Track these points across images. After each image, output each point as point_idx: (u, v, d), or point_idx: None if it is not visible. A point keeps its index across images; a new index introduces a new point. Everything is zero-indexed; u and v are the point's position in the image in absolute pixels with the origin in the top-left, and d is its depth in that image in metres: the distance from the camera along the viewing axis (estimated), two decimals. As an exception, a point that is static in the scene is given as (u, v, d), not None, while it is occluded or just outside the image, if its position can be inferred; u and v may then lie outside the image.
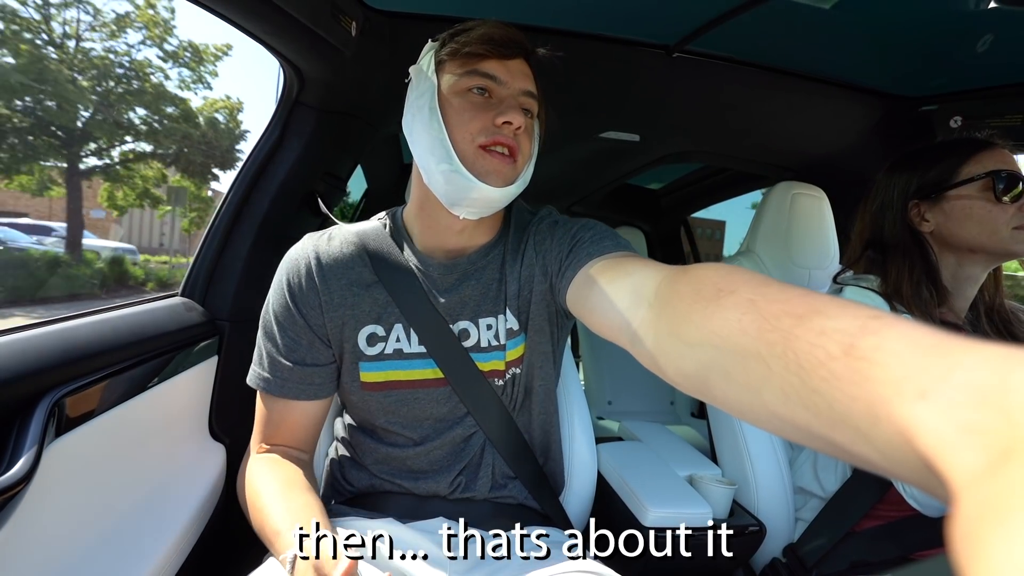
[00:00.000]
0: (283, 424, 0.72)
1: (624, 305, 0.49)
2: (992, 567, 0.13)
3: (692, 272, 0.41)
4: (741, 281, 0.36)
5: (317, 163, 1.06)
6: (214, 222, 1.00)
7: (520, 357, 0.74)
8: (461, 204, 0.67)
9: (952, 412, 0.19)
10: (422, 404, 0.73)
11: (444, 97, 0.67)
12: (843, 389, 0.24)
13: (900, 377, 0.22)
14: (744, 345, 0.31)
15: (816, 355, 0.26)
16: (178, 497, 0.81)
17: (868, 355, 0.24)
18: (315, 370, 0.71)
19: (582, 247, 0.65)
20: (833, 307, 0.28)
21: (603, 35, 1.03)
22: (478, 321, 0.73)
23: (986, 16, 0.86)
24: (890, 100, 1.20)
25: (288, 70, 0.93)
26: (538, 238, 0.74)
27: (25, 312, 8.16)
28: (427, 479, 0.73)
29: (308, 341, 0.71)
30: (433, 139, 0.66)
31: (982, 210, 0.84)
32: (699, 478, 0.99)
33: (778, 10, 0.87)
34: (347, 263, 0.72)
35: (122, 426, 0.73)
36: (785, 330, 0.29)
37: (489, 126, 0.65)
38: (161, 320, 0.85)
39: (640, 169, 1.92)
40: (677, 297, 0.41)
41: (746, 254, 1.22)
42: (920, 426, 0.20)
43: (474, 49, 0.65)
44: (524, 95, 0.68)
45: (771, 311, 0.31)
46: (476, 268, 0.74)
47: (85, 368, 0.67)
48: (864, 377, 0.23)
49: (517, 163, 0.67)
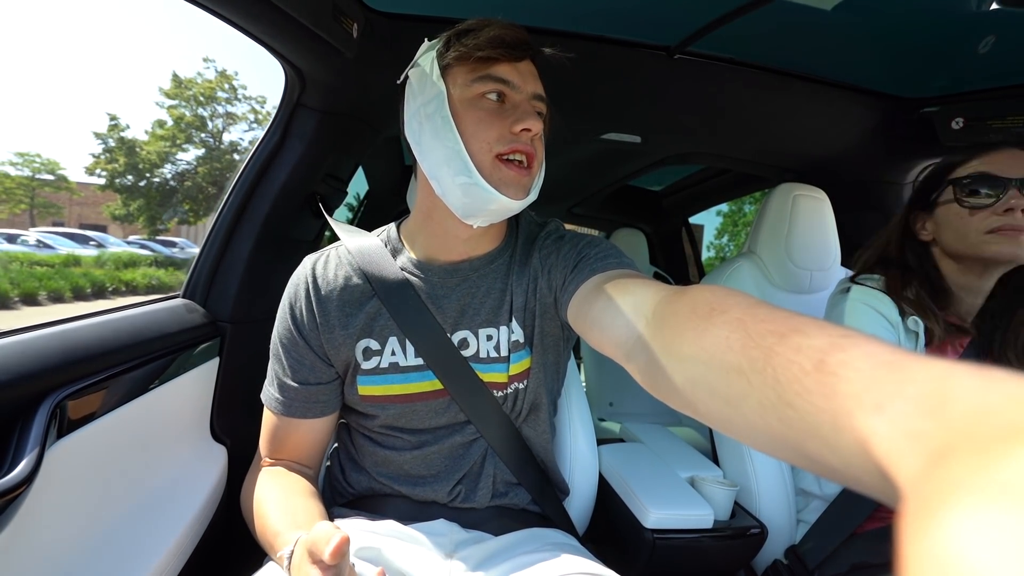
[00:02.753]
0: (289, 440, 0.73)
1: (623, 321, 0.50)
2: (915, 559, 0.14)
3: (690, 293, 0.43)
4: (734, 302, 0.37)
5: (318, 165, 1.06)
6: (215, 224, 1.00)
7: (525, 371, 0.73)
8: (478, 215, 0.66)
9: (902, 422, 0.21)
10: (420, 416, 0.72)
11: (455, 105, 0.64)
12: (813, 402, 0.26)
13: (861, 390, 0.23)
14: (729, 361, 0.33)
15: (792, 370, 0.28)
16: (179, 498, 0.81)
17: (836, 370, 0.25)
18: (319, 388, 0.72)
19: (587, 263, 0.65)
20: (812, 327, 0.30)
21: (605, 37, 1.03)
22: (478, 332, 0.72)
23: (988, 17, 0.86)
24: (891, 101, 1.20)
25: (289, 71, 0.93)
26: (544, 252, 0.73)
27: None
28: (425, 485, 0.73)
29: (311, 362, 0.72)
30: (449, 151, 0.63)
31: (956, 217, 0.84)
32: (701, 480, 0.99)
33: (779, 12, 0.87)
34: (342, 282, 0.72)
35: (124, 428, 0.73)
36: (767, 347, 0.30)
37: (506, 134, 0.63)
38: (163, 322, 0.85)
39: (641, 171, 1.92)
40: (674, 316, 0.42)
41: (747, 256, 1.22)
42: (875, 436, 0.22)
43: (486, 53, 0.62)
44: (536, 99, 0.67)
45: (757, 330, 0.32)
46: (478, 274, 0.73)
47: (87, 370, 0.67)
48: (832, 391, 0.25)
49: (532, 170, 0.66)
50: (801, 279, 1.16)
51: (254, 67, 20.04)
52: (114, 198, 18.03)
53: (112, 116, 17.75)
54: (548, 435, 0.79)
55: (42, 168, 14.78)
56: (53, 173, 15.46)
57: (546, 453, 0.79)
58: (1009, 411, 0.17)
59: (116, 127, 17.21)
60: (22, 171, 11.58)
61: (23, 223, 18.41)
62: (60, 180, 15.46)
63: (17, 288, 8.66)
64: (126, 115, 55.65)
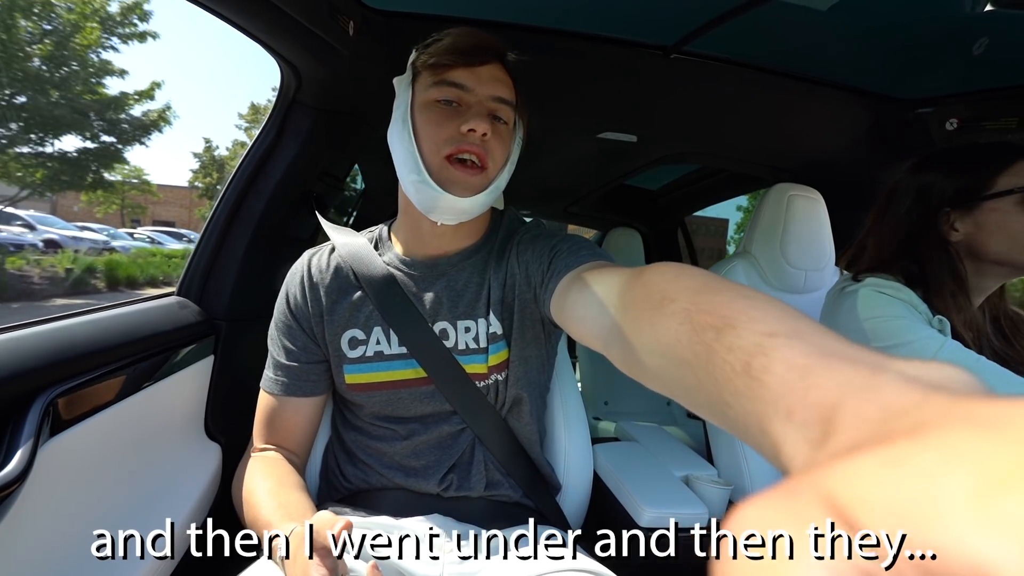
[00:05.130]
0: (279, 421, 0.77)
1: (596, 312, 0.51)
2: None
3: (644, 277, 0.43)
4: (682, 288, 0.37)
5: (314, 163, 1.06)
6: (211, 221, 1.00)
7: (503, 363, 0.75)
8: (433, 212, 0.71)
9: (802, 430, 0.22)
10: (406, 403, 0.75)
11: (416, 108, 0.70)
12: (743, 404, 0.26)
13: (776, 397, 0.24)
14: (679, 354, 0.34)
15: (725, 371, 0.28)
16: (173, 497, 0.81)
17: (758, 375, 0.26)
18: (310, 367, 0.77)
19: (560, 258, 0.67)
20: (743, 320, 0.30)
21: (601, 35, 1.03)
22: (456, 323, 0.75)
23: (982, 19, 0.87)
24: (886, 102, 1.20)
25: (285, 69, 0.92)
26: (520, 248, 0.76)
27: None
28: (417, 476, 0.74)
29: (303, 343, 0.77)
30: (405, 150, 0.69)
31: (1017, 224, 0.81)
32: (695, 479, 0.99)
33: (775, 12, 0.88)
34: (332, 273, 0.78)
35: (117, 426, 0.73)
36: (707, 344, 0.31)
37: (455, 134, 0.67)
38: (157, 319, 0.85)
39: (638, 170, 1.92)
40: (633, 304, 0.43)
41: (742, 255, 1.22)
42: (784, 442, 0.23)
43: (440, 59, 0.68)
44: (494, 101, 0.70)
45: (700, 322, 0.32)
46: (456, 269, 0.77)
47: (80, 367, 0.66)
48: (755, 395, 0.25)
49: (487, 171, 0.70)
50: (796, 279, 1.16)
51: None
52: (202, 203, 23.62)
53: (207, 139, 22.56)
54: (533, 428, 0.80)
55: (131, 174, 16.90)
56: (139, 178, 17.53)
57: (532, 446, 0.80)
58: (892, 421, 0.18)
59: (209, 148, 22.86)
60: (115, 176, 13.02)
61: (115, 221, 22.19)
62: (143, 184, 17.73)
63: (142, 273, 11.07)
64: (217, 138, 61.30)
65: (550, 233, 0.76)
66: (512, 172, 0.76)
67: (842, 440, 0.19)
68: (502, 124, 0.71)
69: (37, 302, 8.21)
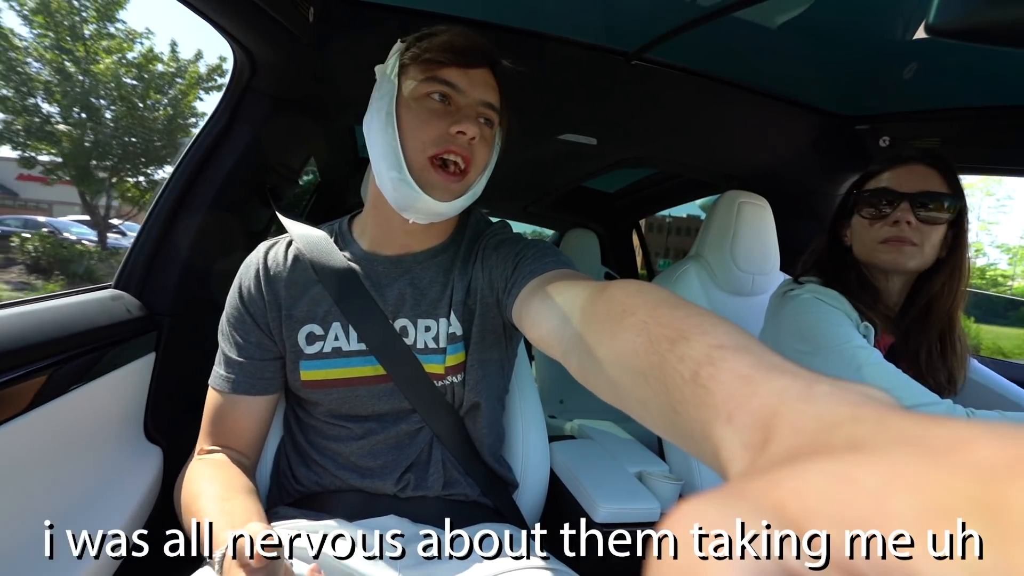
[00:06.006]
0: (229, 421, 0.73)
1: (557, 322, 0.51)
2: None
3: (608, 291, 0.44)
4: (642, 302, 0.39)
5: (268, 152, 1.02)
6: (153, 210, 0.94)
7: (460, 364, 0.75)
8: (408, 211, 0.70)
9: (741, 434, 0.23)
10: (363, 401, 0.73)
11: (403, 102, 0.68)
12: (689, 411, 0.28)
13: (719, 402, 0.25)
14: (635, 365, 0.35)
15: (676, 379, 0.30)
16: (108, 503, 0.76)
17: (705, 383, 0.27)
18: (264, 364, 0.74)
19: (525, 264, 0.67)
20: (696, 332, 0.31)
21: (566, 38, 1.05)
22: (416, 321, 0.74)
23: (912, 45, 0.94)
24: (829, 118, 1.28)
25: (239, 53, 0.88)
26: (486, 252, 0.75)
27: None
28: (373, 477, 0.73)
29: (256, 339, 0.74)
30: (386, 145, 0.67)
31: (860, 226, 0.92)
32: (648, 475, 1.02)
33: (731, 26, 0.92)
34: (290, 266, 0.75)
35: (47, 428, 0.67)
36: (661, 353, 0.32)
37: (444, 135, 0.66)
38: (91, 313, 0.79)
39: (597, 172, 1.96)
40: (594, 316, 0.44)
41: (695, 258, 1.27)
42: (722, 445, 0.24)
43: (435, 56, 0.66)
44: (483, 105, 0.69)
45: (656, 334, 0.34)
46: (421, 267, 0.75)
47: (5, 364, 0.61)
48: (701, 401, 0.27)
49: (467, 176, 0.69)
50: (744, 282, 1.22)
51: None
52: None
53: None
54: (491, 430, 0.80)
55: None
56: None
57: (487, 447, 0.80)
58: (826, 432, 0.19)
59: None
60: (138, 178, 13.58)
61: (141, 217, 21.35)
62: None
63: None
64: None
65: (516, 238, 0.76)
66: (488, 177, 0.75)
67: (780, 447, 0.20)
68: (488, 129, 0.71)
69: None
